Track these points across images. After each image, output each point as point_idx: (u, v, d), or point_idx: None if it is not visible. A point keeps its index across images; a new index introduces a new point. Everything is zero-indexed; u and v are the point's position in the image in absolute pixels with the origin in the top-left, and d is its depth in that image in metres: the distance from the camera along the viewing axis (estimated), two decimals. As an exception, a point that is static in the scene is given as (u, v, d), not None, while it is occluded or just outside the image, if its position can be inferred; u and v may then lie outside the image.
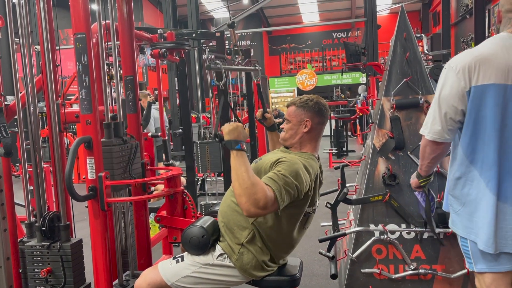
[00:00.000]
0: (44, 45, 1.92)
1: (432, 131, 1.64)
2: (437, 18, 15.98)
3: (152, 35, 2.96)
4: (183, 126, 4.52)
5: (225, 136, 1.73)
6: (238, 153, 1.68)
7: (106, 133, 1.94)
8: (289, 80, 17.25)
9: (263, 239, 1.83)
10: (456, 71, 1.58)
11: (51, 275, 1.86)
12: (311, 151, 1.94)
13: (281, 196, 1.65)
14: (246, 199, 1.59)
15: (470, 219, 1.63)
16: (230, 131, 1.72)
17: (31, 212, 2.01)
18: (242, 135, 1.73)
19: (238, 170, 1.64)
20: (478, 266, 1.64)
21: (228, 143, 1.71)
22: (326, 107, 1.98)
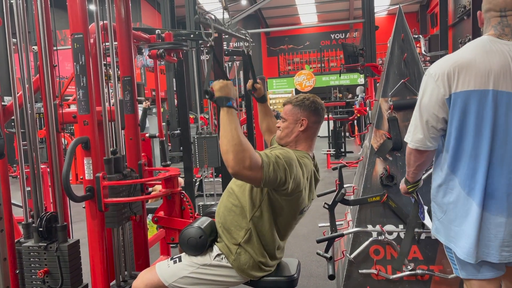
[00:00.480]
0: (42, 45, 1.92)
1: (414, 139, 1.62)
2: (434, 19, 16.02)
3: (150, 36, 2.96)
4: (181, 127, 4.52)
5: (216, 93, 1.68)
6: (229, 110, 1.64)
7: (106, 169, 1.94)
8: (287, 81, 17.26)
9: (260, 239, 1.82)
10: (436, 78, 1.54)
11: (48, 276, 1.86)
12: (306, 150, 1.94)
13: (268, 168, 1.62)
14: (233, 156, 1.55)
15: (450, 227, 1.61)
16: (221, 88, 1.68)
17: (28, 213, 2.01)
18: (232, 93, 1.70)
19: (228, 127, 1.60)
20: (463, 273, 1.62)
21: (219, 99, 1.67)
22: (322, 106, 1.98)
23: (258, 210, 1.80)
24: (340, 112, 11.47)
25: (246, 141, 1.60)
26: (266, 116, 2.36)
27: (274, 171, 1.64)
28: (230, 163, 1.56)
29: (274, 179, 1.65)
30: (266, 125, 2.37)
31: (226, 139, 1.58)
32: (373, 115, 2.66)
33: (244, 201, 1.83)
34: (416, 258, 2.35)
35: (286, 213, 1.84)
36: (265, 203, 1.79)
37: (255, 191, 1.81)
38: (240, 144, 1.56)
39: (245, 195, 1.83)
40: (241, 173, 1.58)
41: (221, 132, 1.62)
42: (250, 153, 1.57)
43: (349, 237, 2.49)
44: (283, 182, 1.69)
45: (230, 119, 1.62)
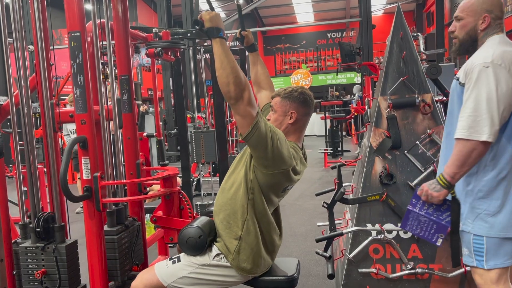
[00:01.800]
0: (38, 44, 1.89)
1: (492, 132, 1.59)
2: (431, 18, 16.06)
3: (147, 34, 2.94)
4: (178, 126, 4.49)
5: (207, 23, 1.65)
6: (222, 41, 1.63)
7: (109, 221, 1.95)
8: (284, 80, 17.24)
9: (259, 224, 1.82)
10: (507, 68, 1.59)
11: (45, 277, 1.84)
12: (294, 141, 1.93)
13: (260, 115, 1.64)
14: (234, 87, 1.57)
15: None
16: (212, 18, 1.65)
17: (25, 213, 1.99)
18: (221, 23, 1.68)
19: (226, 59, 1.59)
20: (490, 263, 1.67)
21: (211, 30, 1.64)
22: (311, 97, 1.96)
23: (251, 191, 1.80)
24: (337, 111, 11.47)
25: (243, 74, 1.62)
26: (254, 66, 2.27)
27: (264, 124, 1.65)
28: (232, 94, 1.59)
29: (262, 132, 1.64)
30: (254, 76, 2.27)
31: (226, 72, 1.59)
32: (372, 113, 2.65)
33: (237, 188, 1.82)
34: (415, 257, 2.34)
35: (273, 190, 1.83)
36: (255, 182, 1.79)
37: (246, 173, 1.80)
38: (239, 76, 1.59)
39: (237, 183, 1.83)
40: (241, 104, 1.60)
41: (218, 64, 1.61)
42: (248, 86, 1.61)
43: (348, 236, 2.48)
44: (265, 144, 1.66)
45: (225, 50, 1.61)
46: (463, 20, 1.76)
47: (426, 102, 2.42)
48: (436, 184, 1.69)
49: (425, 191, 1.71)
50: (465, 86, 1.67)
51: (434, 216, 1.74)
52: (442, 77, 2.72)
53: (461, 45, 1.80)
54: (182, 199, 2.16)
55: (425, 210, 1.75)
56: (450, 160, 1.67)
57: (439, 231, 1.76)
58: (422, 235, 1.79)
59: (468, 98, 1.63)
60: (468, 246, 1.74)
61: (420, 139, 2.41)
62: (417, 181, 2.35)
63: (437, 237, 1.77)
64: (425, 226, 1.77)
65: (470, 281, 2.26)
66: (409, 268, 2.32)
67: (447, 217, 1.73)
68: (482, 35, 1.74)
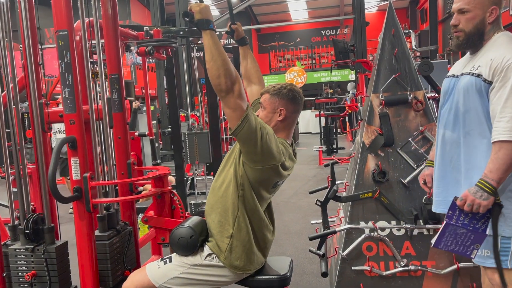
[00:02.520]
0: (26, 43, 1.87)
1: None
2: (424, 15, 16.09)
3: (138, 33, 2.92)
4: (172, 125, 4.47)
5: (197, 15, 1.63)
6: (212, 33, 1.62)
7: (100, 226, 1.94)
8: (278, 78, 17.23)
9: (248, 222, 1.81)
10: None
11: (36, 279, 1.82)
12: (284, 137, 1.92)
13: (249, 110, 1.64)
14: (225, 80, 1.57)
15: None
16: (202, 10, 1.63)
17: (15, 215, 1.97)
18: (211, 15, 1.66)
19: (216, 51, 1.59)
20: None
21: (201, 22, 1.62)
22: (300, 94, 1.95)
23: (241, 188, 1.78)
24: (331, 109, 11.47)
25: (234, 67, 1.62)
26: (244, 59, 2.23)
27: (254, 118, 1.65)
28: (222, 86, 1.59)
29: (251, 125, 1.64)
30: (244, 69, 2.23)
31: (216, 64, 1.58)
32: (364, 111, 2.64)
33: (228, 186, 1.81)
34: (408, 254, 2.34)
35: (263, 185, 1.82)
36: (245, 179, 1.77)
37: (236, 171, 1.79)
38: (229, 68, 1.59)
39: (227, 180, 1.82)
40: (231, 97, 1.60)
41: (209, 57, 1.60)
42: (239, 79, 1.61)
43: (341, 234, 2.47)
44: (254, 138, 1.65)
45: (216, 43, 1.61)
46: (470, 12, 1.70)
47: (418, 99, 2.42)
48: (482, 192, 1.59)
49: (470, 200, 1.60)
50: (495, 84, 1.61)
51: (470, 226, 1.64)
52: (435, 73, 2.71)
53: (468, 38, 1.73)
54: (174, 199, 2.14)
55: (462, 221, 1.64)
56: (493, 165, 1.58)
57: (475, 241, 1.66)
58: (457, 249, 1.69)
59: (508, 97, 1.56)
60: (491, 247, 1.65)
61: (413, 136, 2.41)
62: (410, 178, 2.35)
63: (472, 249, 1.67)
64: (461, 238, 1.67)
65: (463, 277, 2.26)
66: (402, 265, 2.32)
67: (483, 225, 1.64)
68: (489, 29, 1.70)
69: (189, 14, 1.65)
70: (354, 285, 2.37)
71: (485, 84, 1.64)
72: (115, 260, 1.97)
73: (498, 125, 1.58)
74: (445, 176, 1.83)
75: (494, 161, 1.58)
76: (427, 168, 2.03)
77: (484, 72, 1.64)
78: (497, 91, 1.61)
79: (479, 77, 1.66)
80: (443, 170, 1.83)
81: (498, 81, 1.60)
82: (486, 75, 1.64)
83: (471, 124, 1.71)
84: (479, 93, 1.67)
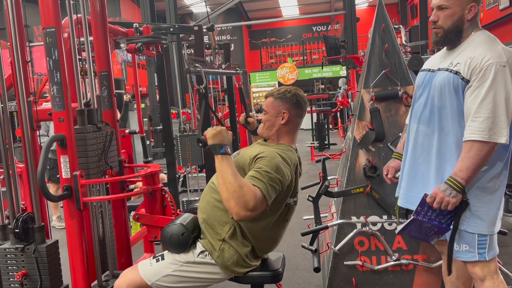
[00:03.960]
0: (13, 41, 1.85)
1: (507, 133, 1.57)
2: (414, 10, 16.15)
3: (128, 29, 2.90)
4: (163, 122, 4.45)
5: (209, 140, 1.71)
6: (223, 157, 1.67)
7: (79, 120, 1.86)
8: (270, 74, 17.23)
9: (244, 234, 1.80)
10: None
11: (26, 279, 1.81)
12: (288, 143, 1.92)
13: (268, 194, 1.65)
14: (235, 203, 1.59)
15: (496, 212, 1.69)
16: (214, 136, 1.70)
17: (4, 214, 1.95)
18: (226, 139, 1.72)
19: (224, 174, 1.63)
20: (490, 253, 1.69)
21: (213, 147, 1.69)
22: (305, 99, 1.95)
23: None
24: (323, 105, 11.49)
25: (244, 182, 1.61)
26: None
27: (273, 190, 1.68)
28: (233, 210, 1.61)
29: (274, 195, 1.70)
30: None
31: (225, 188, 1.61)
32: (355, 106, 2.65)
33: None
34: (400, 248, 2.36)
35: (271, 209, 1.81)
36: None
37: None
38: (239, 189, 1.59)
39: None
40: (248, 217, 1.62)
41: (219, 180, 1.64)
42: (250, 194, 1.59)
43: (333, 229, 2.48)
44: (281, 190, 1.73)
45: (225, 166, 1.64)
46: (448, 9, 1.70)
47: (408, 94, 2.43)
48: (451, 190, 1.61)
49: (440, 198, 1.63)
50: (473, 83, 1.61)
51: (436, 221, 1.69)
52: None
53: (447, 35, 1.73)
54: (165, 196, 2.13)
55: (429, 216, 1.69)
56: (463, 163, 1.60)
57: (438, 233, 1.74)
58: (419, 237, 1.78)
59: (485, 98, 1.57)
60: (469, 242, 1.70)
61: (403, 131, 2.42)
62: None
63: (433, 237, 1.77)
64: (425, 230, 1.74)
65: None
66: (394, 260, 2.33)
67: (448, 220, 1.69)
68: (467, 26, 1.70)
69: (201, 140, 1.73)
70: (346, 280, 2.38)
71: (463, 82, 1.64)
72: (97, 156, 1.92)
73: (472, 125, 1.59)
74: (412, 170, 1.85)
75: (464, 160, 1.60)
76: (393, 160, 2.07)
77: (463, 70, 1.64)
78: (473, 90, 1.61)
79: (457, 75, 1.66)
80: (413, 165, 1.85)
81: (476, 80, 1.60)
82: (464, 73, 1.64)
83: (446, 120, 1.72)
84: (456, 90, 1.67)
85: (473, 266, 1.72)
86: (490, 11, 9.50)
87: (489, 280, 1.69)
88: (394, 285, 2.36)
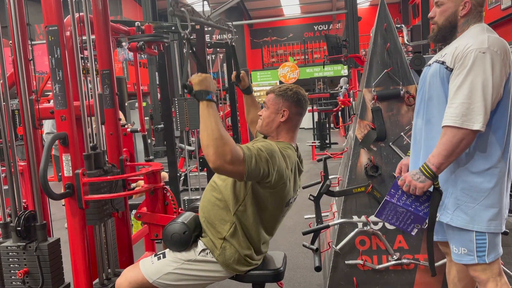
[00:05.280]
0: (15, 39, 1.85)
1: (484, 121, 1.53)
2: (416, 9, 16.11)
3: (130, 28, 2.90)
4: (164, 121, 4.45)
5: (195, 86, 1.65)
6: (208, 103, 1.62)
7: (86, 165, 1.89)
8: (271, 73, 17.21)
9: (245, 233, 1.80)
10: (502, 56, 1.55)
11: (28, 276, 1.81)
12: (288, 141, 1.92)
13: (250, 161, 1.60)
14: (213, 150, 1.53)
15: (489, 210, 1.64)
16: (201, 81, 1.65)
17: (6, 212, 1.95)
18: (212, 86, 1.67)
19: (208, 120, 1.58)
20: (491, 256, 1.65)
21: (199, 93, 1.64)
22: (306, 98, 1.95)
23: (242, 204, 1.78)
24: (324, 104, 11.49)
25: (226, 134, 1.57)
26: (251, 107, 2.33)
27: (256, 164, 1.62)
28: (211, 157, 1.54)
29: (257, 172, 1.63)
30: (251, 117, 2.33)
31: (206, 134, 1.56)
32: (357, 105, 2.65)
33: (228, 196, 1.80)
34: (401, 247, 2.36)
35: (272, 206, 1.82)
36: (249, 197, 1.77)
37: (239, 185, 1.78)
38: (220, 138, 1.54)
39: (228, 189, 1.80)
40: (223, 168, 1.56)
41: (201, 126, 1.59)
42: (231, 147, 1.55)
43: (334, 228, 2.48)
44: (266, 175, 1.67)
45: (209, 113, 1.60)
46: (443, 5, 1.70)
47: (410, 94, 2.43)
48: (420, 174, 1.61)
49: (408, 181, 1.64)
50: (455, 71, 1.60)
51: (412, 207, 1.68)
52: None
53: (440, 31, 1.74)
54: (167, 195, 2.13)
55: (403, 201, 1.69)
56: (436, 150, 1.59)
57: (415, 222, 1.71)
58: (398, 224, 1.75)
59: (461, 84, 1.55)
60: (467, 245, 1.68)
61: (405, 130, 2.42)
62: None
63: (412, 227, 1.73)
64: (401, 216, 1.72)
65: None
66: (395, 259, 2.33)
67: (425, 208, 1.68)
68: (463, 22, 1.69)
69: (187, 86, 1.68)
70: (347, 279, 2.38)
71: (447, 72, 1.64)
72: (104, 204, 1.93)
73: (447, 111, 1.59)
74: (414, 165, 1.85)
75: (438, 146, 1.59)
76: (406, 157, 2.06)
77: (448, 60, 1.64)
78: (454, 78, 1.60)
79: (443, 64, 1.66)
80: (414, 160, 1.86)
81: (457, 68, 1.60)
82: (448, 62, 1.64)
83: (433, 111, 1.73)
84: (442, 80, 1.67)
85: (474, 270, 1.70)
86: (492, 10, 9.48)
87: (491, 282, 1.67)
88: (395, 284, 2.36)
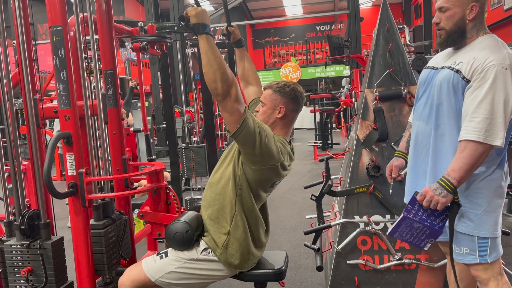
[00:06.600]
0: (20, 39, 1.86)
1: (504, 136, 1.56)
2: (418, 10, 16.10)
3: (133, 28, 2.91)
4: (167, 121, 4.47)
5: (192, 19, 1.63)
6: (208, 37, 1.62)
7: (95, 215, 1.93)
8: (273, 73, 17.22)
9: (245, 221, 1.82)
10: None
11: (31, 275, 1.82)
12: (282, 135, 1.93)
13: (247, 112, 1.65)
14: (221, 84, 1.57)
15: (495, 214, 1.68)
16: (198, 14, 1.63)
17: (10, 211, 1.97)
18: (208, 19, 1.66)
19: (212, 55, 1.58)
20: (493, 255, 1.68)
21: (196, 26, 1.62)
22: (302, 95, 1.96)
23: (239, 188, 1.80)
24: (326, 104, 11.49)
25: (230, 71, 1.62)
26: (241, 61, 2.23)
27: (252, 120, 1.66)
28: (219, 90, 1.59)
29: (250, 128, 1.64)
30: (241, 71, 2.24)
31: (213, 69, 1.58)
32: (359, 106, 2.66)
33: (226, 184, 1.82)
34: (403, 247, 2.36)
35: (261, 185, 1.83)
36: (244, 179, 1.79)
37: (235, 171, 1.80)
38: (226, 72, 1.59)
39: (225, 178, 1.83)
40: (228, 101, 1.60)
41: (205, 61, 1.60)
42: (236, 83, 1.61)
43: (336, 228, 2.49)
44: (253, 140, 1.66)
45: (212, 47, 1.61)
46: (449, 10, 1.70)
47: (412, 94, 2.43)
48: (442, 189, 1.59)
49: (430, 196, 1.61)
50: (473, 83, 1.60)
51: (428, 222, 1.66)
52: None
53: (449, 36, 1.73)
54: (169, 194, 2.14)
55: (420, 216, 1.66)
56: (456, 163, 1.58)
57: (430, 236, 1.70)
58: (411, 241, 1.73)
59: (483, 99, 1.56)
60: (469, 244, 1.69)
61: (406, 129, 2.42)
62: (404, 173, 2.37)
63: (426, 242, 1.72)
64: (416, 232, 1.70)
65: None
66: (396, 259, 2.34)
67: (440, 222, 1.66)
68: (471, 26, 1.69)
69: (184, 18, 1.65)
70: (349, 279, 2.39)
71: (463, 82, 1.64)
72: (111, 249, 1.97)
73: (469, 125, 1.58)
74: (415, 168, 1.87)
75: (458, 160, 1.59)
76: (396, 158, 2.07)
77: (464, 70, 1.64)
78: (473, 90, 1.60)
79: (458, 73, 1.66)
80: (414, 162, 1.87)
81: (477, 81, 1.59)
82: (465, 72, 1.63)
83: (443, 118, 1.73)
84: (455, 88, 1.67)
85: (476, 269, 1.71)
86: (494, 11, 9.46)
87: (493, 281, 1.69)
88: (397, 284, 2.37)
